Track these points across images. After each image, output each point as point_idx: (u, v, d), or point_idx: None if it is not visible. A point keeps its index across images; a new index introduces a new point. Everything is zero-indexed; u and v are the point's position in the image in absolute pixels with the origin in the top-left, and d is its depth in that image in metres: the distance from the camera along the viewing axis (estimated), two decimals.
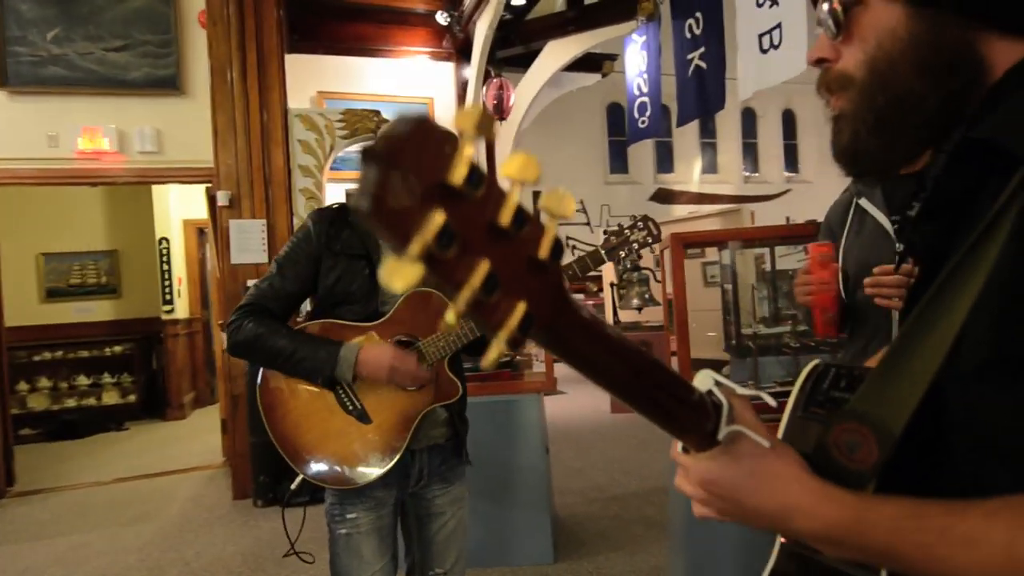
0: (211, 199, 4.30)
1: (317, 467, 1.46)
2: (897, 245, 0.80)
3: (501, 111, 5.48)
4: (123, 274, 7.40)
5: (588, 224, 11.27)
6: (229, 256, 4.07)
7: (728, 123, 11.45)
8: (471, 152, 0.32)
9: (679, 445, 0.60)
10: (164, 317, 6.92)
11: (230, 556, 3.20)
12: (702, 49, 5.30)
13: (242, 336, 1.48)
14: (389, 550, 1.54)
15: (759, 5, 4.41)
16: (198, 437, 5.86)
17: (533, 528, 2.78)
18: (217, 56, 4.10)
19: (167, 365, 6.94)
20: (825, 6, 0.64)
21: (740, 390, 0.56)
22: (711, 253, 8.00)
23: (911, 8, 0.57)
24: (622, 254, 1.49)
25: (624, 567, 2.78)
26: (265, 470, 3.81)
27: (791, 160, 12.31)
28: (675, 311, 1.87)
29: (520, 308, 0.35)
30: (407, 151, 0.31)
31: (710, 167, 11.83)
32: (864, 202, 1.53)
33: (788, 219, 11.17)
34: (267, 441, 1.50)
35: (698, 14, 5.32)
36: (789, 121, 12.31)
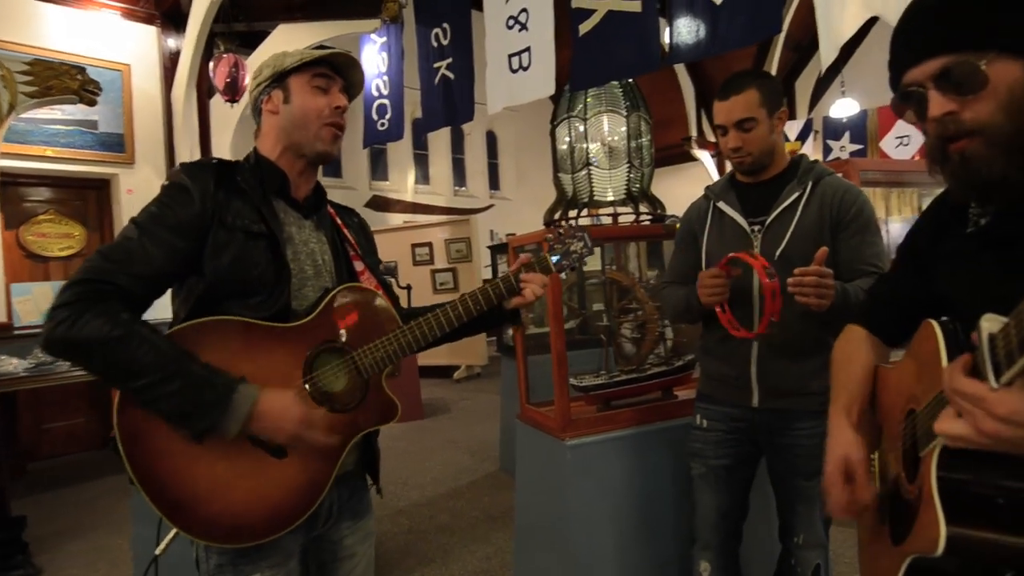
0: None
1: (211, 522, 1.05)
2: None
3: (234, 92, 4.80)
4: None
5: None
6: None
7: (439, 137, 11.95)
8: None
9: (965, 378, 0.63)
10: None
11: None
12: (449, 60, 5.41)
13: (80, 333, 0.97)
14: None
15: (509, 27, 4.69)
16: None
17: None
18: None
19: None
20: (963, 71, 0.74)
21: None
22: (440, 260, 8.23)
23: None
24: (565, 263, 1.39)
25: None
26: None
27: (493, 178, 13.40)
28: (551, 308, 1.85)
29: None
30: None
31: (423, 178, 12.17)
32: (722, 205, 1.71)
33: (492, 232, 12.13)
34: None
35: (445, 25, 5.42)
36: (492, 142, 13.40)
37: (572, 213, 8.36)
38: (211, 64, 4.96)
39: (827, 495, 0.96)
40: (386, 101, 6.30)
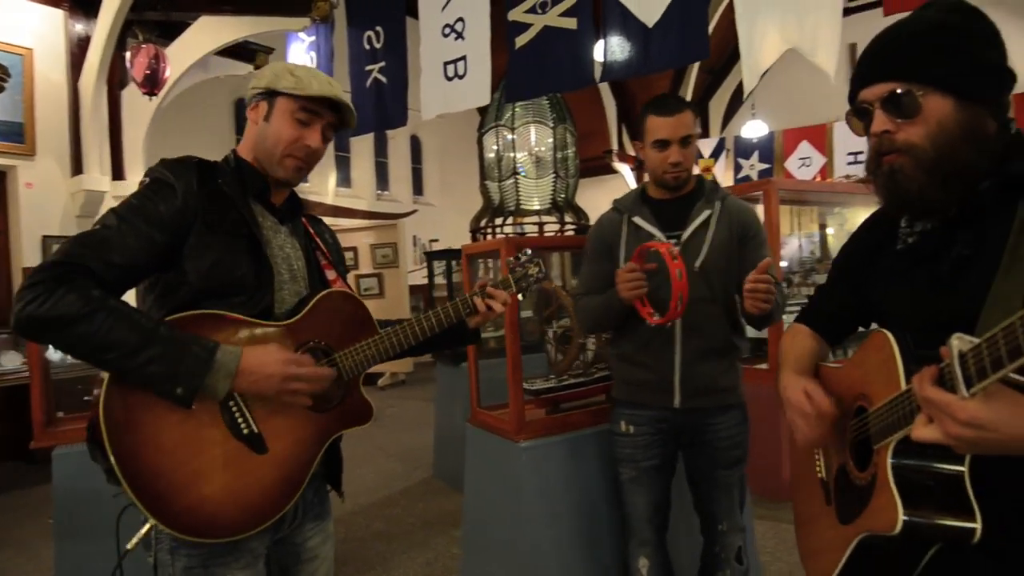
0: None
1: (188, 515, 1.03)
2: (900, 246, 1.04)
3: (154, 84, 4.56)
4: None
5: None
6: None
7: (362, 140, 11.76)
8: None
9: (932, 386, 0.74)
10: None
11: None
12: (383, 63, 5.36)
13: (53, 310, 0.94)
14: None
15: (444, 35, 4.73)
16: None
17: None
18: None
19: None
20: (904, 99, 0.87)
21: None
22: (365, 266, 8.09)
23: (960, 101, 0.85)
24: (523, 286, 1.44)
25: None
26: None
27: (417, 183, 13.31)
28: (508, 320, 1.90)
29: None
30: None
31: (344, 181, 11.92)
32: (638, 220, 1.80)
33: (415, 238, 12.04)
34: None
35: (379, 28, 5.37)
36: (416, 147, 13.32)
37: (498, 221, 8.42)
38: (127, 54, 4.67)
39: (797, 417, 1.05)
40: None
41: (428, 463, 4.28)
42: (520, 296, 1.44)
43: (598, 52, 4.03)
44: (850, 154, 8.15)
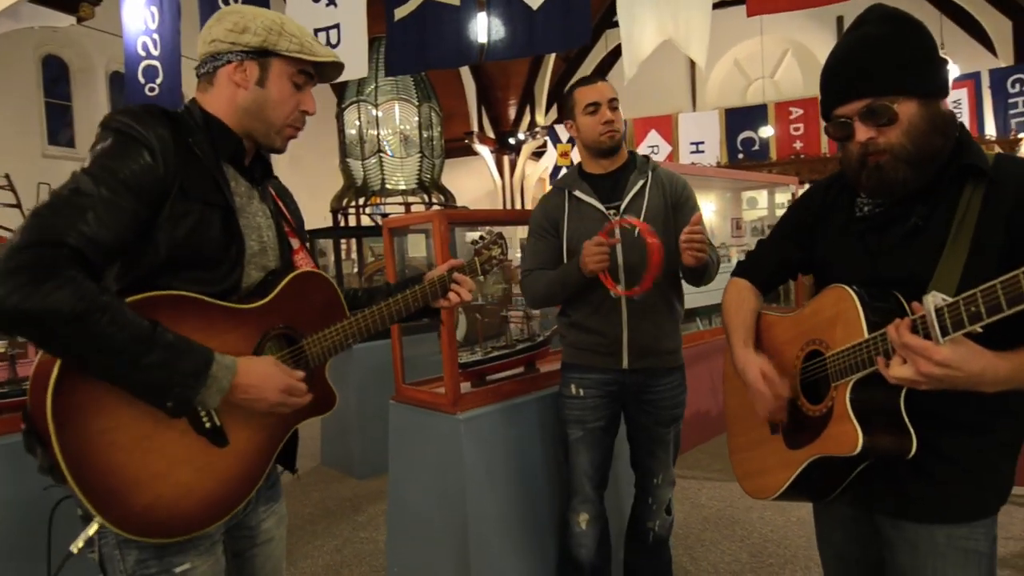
0: None
1: (143, 514, 0.93)
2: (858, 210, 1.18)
3: None
4: None
5: (19, 206, 8.62)
6: None
7: None
8: None
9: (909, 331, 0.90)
10: None
11: None
12: None
13: (40, 304, 0.81)
14: None
15: (315, 0, 4.50)
16: None
17: None
18: None
19: None
20: (880, 110, 1.03)
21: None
22: None
23: (921, 99, 1.01)
24: (487, 268, 1.42)
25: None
26: None
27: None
28: None
29: None
30: None
31: None
32: (579, 193, 1.89)
33: None
34: None
35: None
36: None
37: (362, 200, 8.12)
38: None
39: (757, 397, 1.19)
40: (156, 63, 5.57)
41: (314, 452, 4.09)
42: (482, 277, 1.44)
43: (481, 31, 4.03)
44: (692, 143, 8.95)
